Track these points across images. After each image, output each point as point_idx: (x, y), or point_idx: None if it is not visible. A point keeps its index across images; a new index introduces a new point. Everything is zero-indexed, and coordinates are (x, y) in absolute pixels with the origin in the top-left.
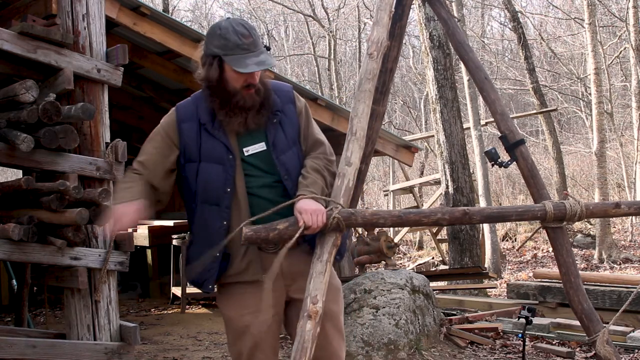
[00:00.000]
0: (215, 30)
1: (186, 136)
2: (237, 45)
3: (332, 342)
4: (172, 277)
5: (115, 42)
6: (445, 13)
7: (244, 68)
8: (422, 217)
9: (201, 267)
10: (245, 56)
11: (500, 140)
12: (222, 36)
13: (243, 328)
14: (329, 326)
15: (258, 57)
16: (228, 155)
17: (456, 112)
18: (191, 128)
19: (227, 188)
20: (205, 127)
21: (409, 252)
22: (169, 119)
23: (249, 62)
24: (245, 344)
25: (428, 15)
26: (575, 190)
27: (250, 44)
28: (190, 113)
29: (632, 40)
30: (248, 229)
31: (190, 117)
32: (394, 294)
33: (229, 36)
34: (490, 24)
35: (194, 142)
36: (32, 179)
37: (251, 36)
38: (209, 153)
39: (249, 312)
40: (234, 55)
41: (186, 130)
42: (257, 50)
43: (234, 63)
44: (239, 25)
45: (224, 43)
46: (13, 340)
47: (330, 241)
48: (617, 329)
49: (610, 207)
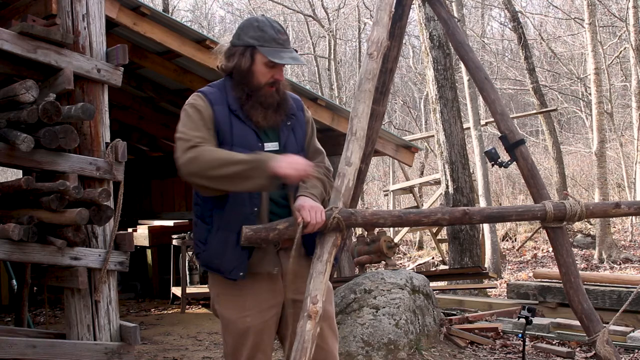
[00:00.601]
0: (252, 22)
1: (220, 118)
2: (274, 39)
3: (328, 342)
4: (172, 277)
5: (115, 42)
6: (445, 13)
7: (279, 59)
8: (422, 217)
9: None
10: (280, 49)
11: (500, 140)
12: (259, 28)
13: (245, 329)
14: (325, 326)
15: (292, 53)
16: (258, 143)
17: (456, 112)
18: (223, 111)
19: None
20: (236, 113)
21: (409, 252)
22: (202, 100)
23: (284, 55)
24: (246, 345)
25: (428, 15)
26: (575, 190)
27: (285, 41)
28: (220, 98)
29: (632, 40)
30: (248, 228)
31: (220, 101)
32: (394, 294)
33: (267, 29)
34: (490, 24)
35: (227, 126)
36: (32, 179)
37: (286, 34)
38: (241, 138)
39: (250, 314)
40: (269, 47)
41: (219, 112)
42: (290, 48)
43: (270, 54)
44: (275, 22)
45: (261, 35)
46: (13, 340)
47: (330, 241)
48: (617, 329)
49: (610, 207)
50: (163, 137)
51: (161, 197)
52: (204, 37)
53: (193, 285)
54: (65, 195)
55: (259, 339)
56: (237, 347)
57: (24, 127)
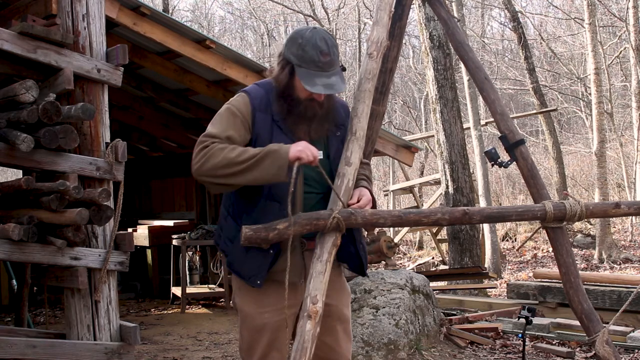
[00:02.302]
0: (297, 38)
1: (260, 126)
2: (313, 61)
3: (342, 344)
4: (172, 277)
5: (115, 42)
6: (445, 13)
7: (310, 86)
8: (422, 217)
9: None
10: (317, 74)
11: (500, 140)
12: (301, 46)
13: (261, 325)
14: (340, 329)
15: (329, 78)
16: None
17: (456, 112)
18: (265, 119)
19: (292, 188)
20: (278, 124)
21: (409, 252)
22: (243, 104)
23: (317, 82)
24: (261, 341)
25: (428, 15)
26: (575, 190)
27: (326, 63)
28: (265, 104)
29: (632, 40)
30: (248, 228)
31: (264, 108)
32: (394, 294)
33: (308, 49)
34: (490, 24)
35: (267, 134)
36: (32, 179)
37: (329, 55)
38: None
39: (269, 311)
40: (306, 69)
41: (260, 120)
42: (330, 71)
43: (303, 77)
44: (321, 40)
45: (301, 54)
46: (13, 340)
47: (330, 241)
48: (617, 329)
49: (610, 207)
50: (163, 137)
51: (161, 197)
52: (204, 37)
53: (193, 285)
54: (65, 195)
55: (275, 337)
56: (252, 342)
57: (24, 127)
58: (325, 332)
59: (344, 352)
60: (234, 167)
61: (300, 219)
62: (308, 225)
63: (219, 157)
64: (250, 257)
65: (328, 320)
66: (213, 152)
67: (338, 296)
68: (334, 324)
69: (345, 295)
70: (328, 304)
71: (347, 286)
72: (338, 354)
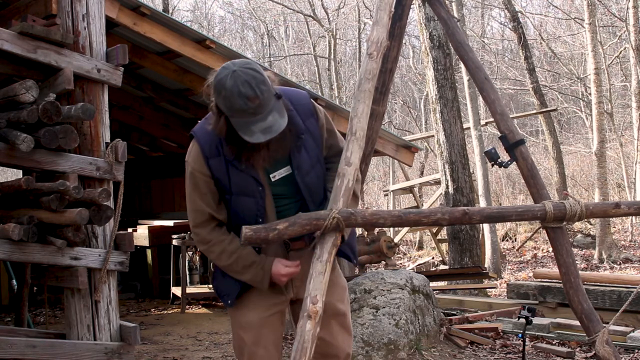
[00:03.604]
0: (220, 90)
1: (216, 171)
2: (243, 110)
3: (338, 338)
4: (172, 277)
5: (115, 42)
6: (445, 13)
7: (249, 137)
8: (422, 217)
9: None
10: (251, 121)
11: (500, 140)
12: (226, 98)
13: (245, 323)
14: (335, 323)
15: (265, 120)
16: (258, 187)
17: (456, 112)
18: (219, 164)
19: (259, 218)
20: (233, 163)
21: (409, 252)
22: (197, 160)
23: (254, 129)
24: (246, 340)
25: (428, 15)
26: (575, 190)
27: (257, 107)
28: (215, 148)
29: (632, 40)
30: (248, 229)
31: (215, 152)
32: (394, 294)
33: (234, 100)
34: (490, 24)
35: (224, 176)
36: (32, 179)
37: (257, 97)
38: (239, 187)
39: (252, 309)
40: (238, 119)
41: (215, 166)
42: (264, 112)
43: (240, 128)
44: (244, 85)
45: (229, 105)
46: (13, 340)
47: (330, 241)
48: (617, 329)
49: (610, 207)
50: (163, 137)
51: (161, 197)
52: (204, 37)
53: (193, 285)
54: (65, 195)
55: (259, 335)
56: (240, 340)
57: (24, 127)
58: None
59: (341, 346)
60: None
61: (300, 219)
62: (308, 225)
63: (215, 259)
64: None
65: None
66: (211, 252)
67: (330, 291)
68: (328, 320)
69: (338, 289)
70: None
71: (343, 280)
72: (336, 347)
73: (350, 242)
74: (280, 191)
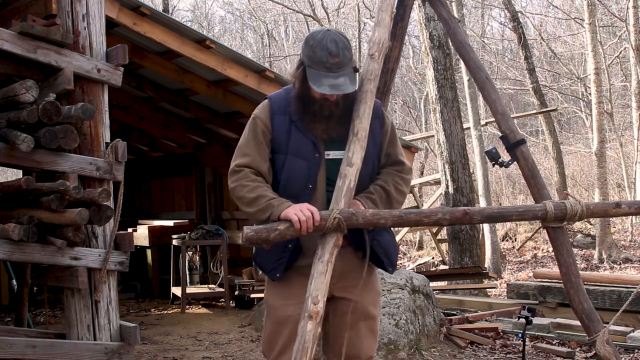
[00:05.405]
0: (309, 40)
1: (278, 129)
2: (321, 62)
3: (364, 341)
4: (172, 277)
5: (115, 42)
6: (446, 13)
7: (317, 86)
8: (422, 217)
9: (272, 254)
10: (325, 74)
11: (500, 140)
12: (312, 48)
13: (284, 318)
14: (363, 326)
15: (337, 79)
16: (314, 154)
17: (456, 112)
18: (283, 121)
19: (309, 184)
20: (296, 124)
21: (409, 252)
22: (263, 111)
23: (324, 82)
24: (283, 334)
25: (428, 15)
26: (575, 190)
27: (334, 65)
28: (284, 107)
29: (632, 40)
30: (249, 229)
31: (283, 110)
32: (394, 294)
33: (317, 50)
34: (490, 24)
35: (284, 135)
36: (32, 179)
37: (338, 56)
38: (296, 148)
39: (293, 304)
40: (315, 70)
41: (278, 122)
42: (338, 72)
43: (311, 78)
44: (331, 42)
45: (311, 55)
46: (13, 340)
47: (331, 241)
48: (617, 329)
49: (610, 207)
50: (163, 137)
51: (161, 197)
52: (204, 37)
53: (193, 285)
54: (65, 195)
55: (295, 330)
56: (274, 334)
57: (24, 127)
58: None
59: (365, 349)
60: (245, 206)
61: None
62: None
63: (241, 193)
64: (270, 252)
65: (352, 316)
66: (239, 185)
67: (364, 293)
68: (357, 321)
69: (372, 293)
70: (353, 301)
71: (378, 285)
72: (359, 349)
73: (387, 250)
74: (331, 175)
